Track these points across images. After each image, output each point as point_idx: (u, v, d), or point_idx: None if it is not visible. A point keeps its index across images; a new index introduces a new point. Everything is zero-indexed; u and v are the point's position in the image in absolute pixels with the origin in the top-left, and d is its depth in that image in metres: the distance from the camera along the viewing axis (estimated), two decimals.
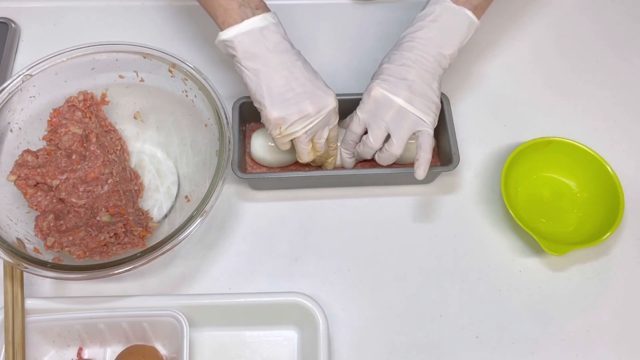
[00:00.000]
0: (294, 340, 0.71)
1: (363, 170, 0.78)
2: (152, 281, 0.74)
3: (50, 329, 0.68)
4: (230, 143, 0.71)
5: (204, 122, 0.75)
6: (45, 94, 0.75)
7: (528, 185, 0.80)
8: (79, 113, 0.76)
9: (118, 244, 0.70)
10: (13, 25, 0.91)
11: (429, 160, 0.71)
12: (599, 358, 0.72)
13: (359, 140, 0.75)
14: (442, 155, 0.80)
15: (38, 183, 0.72)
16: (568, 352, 0.72)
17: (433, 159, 0.73)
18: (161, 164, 0.81)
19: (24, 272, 0.69)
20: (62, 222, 0.71)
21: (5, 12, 0.92)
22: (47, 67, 0.74)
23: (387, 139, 0.73)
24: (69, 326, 0.68)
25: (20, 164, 0.72)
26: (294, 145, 0.73)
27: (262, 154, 0.78)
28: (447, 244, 0.78)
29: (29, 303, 0.68)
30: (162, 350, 0.70)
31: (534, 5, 0.96)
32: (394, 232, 0.78)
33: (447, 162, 0.77)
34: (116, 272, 0.64)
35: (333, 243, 0.77)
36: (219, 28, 0.70)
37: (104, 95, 0.78)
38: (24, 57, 0.89)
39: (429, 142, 0.71)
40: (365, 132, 0.74)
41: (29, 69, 0.73)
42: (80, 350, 0.70)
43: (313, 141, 0.73)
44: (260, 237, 0.78)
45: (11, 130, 0.73)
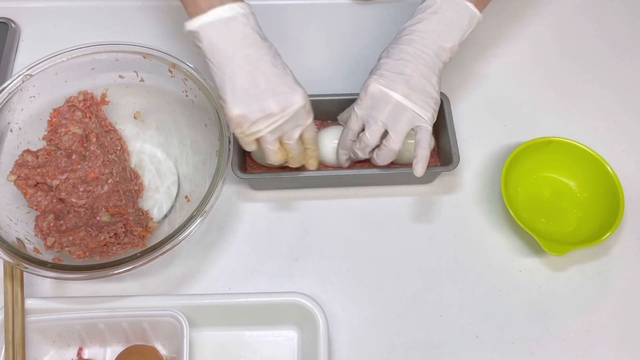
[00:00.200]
0: (294, 340, 0.71)
1: (363, 170, 0.78)
2: (152, 281, 0.74)
3: (50, 329, 0.68)
4: (230, 143, 0.71)
5: (204, 122, 0.75)
6: (45, 94, 0.75)
7: (528, 185, 0.80)
8: (79, 113, 0.76)
9: (118, 244, 0.70)
10: (13, 25, 0.91)
11: (427, 157, 0.69)
12: (599, 358, 0.72)
13: (357, 138, 0.74)
14: (442, 155, 0.80)
15: (38, 183, 0.72)
16: (568, 352, 0.72)
17: (433, 159, 0.72)
18: (161, 164, 0.81)
19: (24, 272, 0.69)
20: (62, 222, 0.71)
21: (5, 12, 0.92)
22: (47, 67, 0.74)
23: (385, 136, 0.71)
24: (69, 326, 0.68)
25: (20, 164, 0.72)
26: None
27: (262, 154, 0.78)
28: (447, 244, 0.78)
29: (29, 303, 0.68)
30: (162, 350, 0.70)
31: (534, 5, 0.96)
32: (394, 232, 0.78)
33: (447, 162, 0.77)
34: (116, 272, 0.64)
35: (333, 243, 0.77)
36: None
37: (104, 95, 0.78)
38: (24, 57, 0.89)
39: (426, 139, 0.69)
40: (363, 130, 0.72)
41: (29, 69, 0.73)
42: (80, 350, 0.70)
43: (282, 142, 0.69)
44: (260, 237, 0.78)
45: (11, 130, 0.74)
